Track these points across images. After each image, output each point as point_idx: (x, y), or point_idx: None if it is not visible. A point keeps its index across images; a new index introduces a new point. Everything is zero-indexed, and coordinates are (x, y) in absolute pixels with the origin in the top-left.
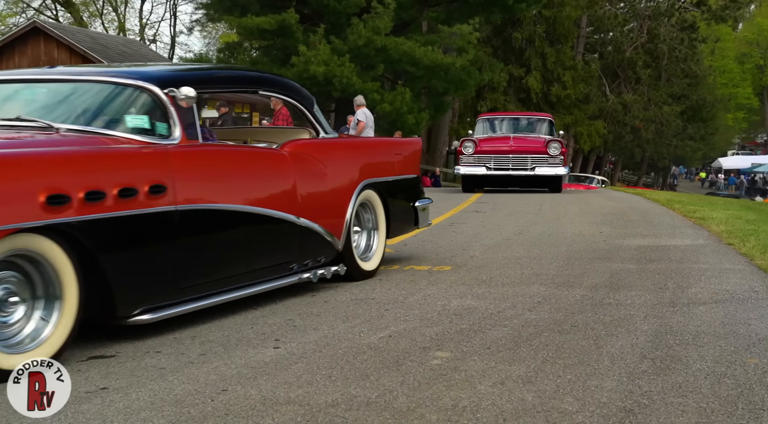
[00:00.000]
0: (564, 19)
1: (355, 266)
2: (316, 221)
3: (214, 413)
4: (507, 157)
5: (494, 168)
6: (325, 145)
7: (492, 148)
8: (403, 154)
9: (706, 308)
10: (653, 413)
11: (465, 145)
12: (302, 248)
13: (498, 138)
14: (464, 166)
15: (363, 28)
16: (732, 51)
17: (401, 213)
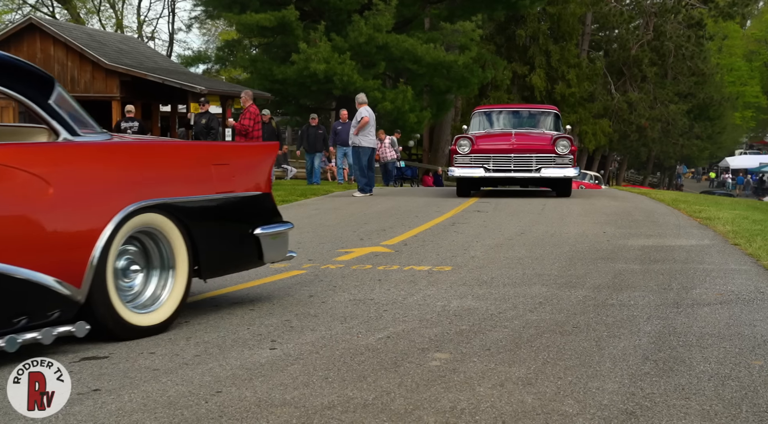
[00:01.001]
0: (568, 16)
1: (117, 320)
2: (25, 264)
3: (207, 415)
4: (508, 157)
5: (494, 169)
6: (55, 154)
7: (491, 146)
8: (235, 163)
9: (711, 309)
10: (655, 415)
11: (460, 143)
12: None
13: (498, 135)
14: (459, 167)
15: (364, 26)
16: (740, 49)
17: (224, 244)
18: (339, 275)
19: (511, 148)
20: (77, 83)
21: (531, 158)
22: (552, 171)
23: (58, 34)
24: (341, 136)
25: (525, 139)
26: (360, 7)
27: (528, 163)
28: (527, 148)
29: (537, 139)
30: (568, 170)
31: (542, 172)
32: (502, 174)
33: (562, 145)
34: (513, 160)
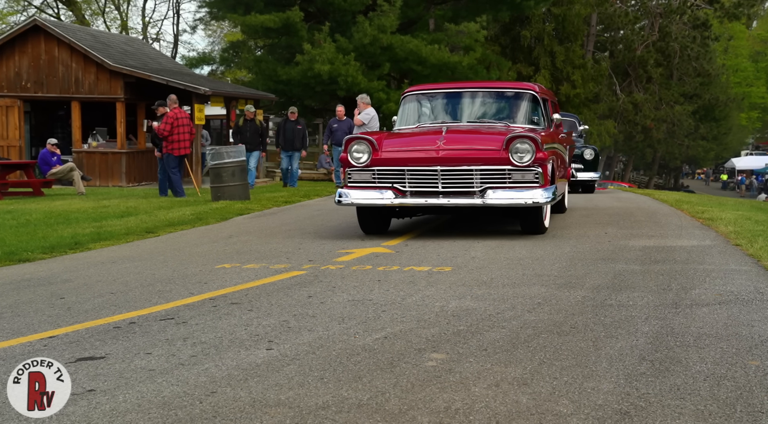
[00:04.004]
0: (573, 17)
1: None
2: None
3: (201, 415)
4: (432, 173)
5: (411, 192)
6: None
7: (404, 154)
8: None
9: (710, 310)
10: (649, 415)
11: (354, 148)
12: None
13: (420, 134)
14: (354, 187)
15: (368, 26)
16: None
17: None
18: (339, 276)
19: (435, 156)
20: (81, 84)
21: (470, 173)
22: (505, 195)
23: (63, 36)
24: (337, 135)
25: (460, 140)
26: (364, 8)
27: (465, 182)
28: (462, 156)
29: (479, 139)
30: (534, 193)
31: (489, 196)
32: (422, 200)
33: (521, 151)
34: (441, 176)
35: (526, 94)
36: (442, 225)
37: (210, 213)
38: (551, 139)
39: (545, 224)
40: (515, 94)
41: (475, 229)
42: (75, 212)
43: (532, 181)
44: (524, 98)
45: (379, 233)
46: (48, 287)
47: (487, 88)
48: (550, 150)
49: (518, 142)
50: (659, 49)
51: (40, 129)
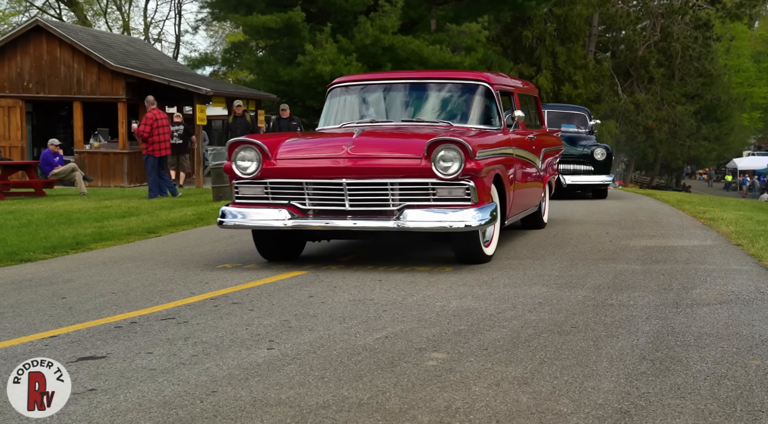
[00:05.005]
0: (575, 18)
1: None
2: None
3: (202, 414)
4: (338, 187)
5: (314, 212)
6: None
7: (302, 163)
8: None
9: (710, 309)
10: (649, 414)
11: (239, 155)
12: None
13: (327, 136)
14: (242, 204)
15: (370, 27)
16: (747, 49)
17: None
18: (340, 276)
19: (340, 166)
20: (83, 85)
21: (383, 188)
22: (426, 217)
23: (65, 36)
24: None
25: (373, 145)
26: (366, 8)
27: (378, 199)
28: (374, 166)
29: (397, 145)
30: (465, 214)
31: (407, 217)
32: (321, 222)
33: (446, 159)
34: (348, 191)
35: (476, 87)
36: None
37: (211, 213)
38: (502, 143)
39: (487, 251)
40: (462, 86)
41: None
42: (76, 212)
43: (462, 199)
44: (475, 92)
45: (285, 259)
46: (49, 287)
47: (429, 79)
48: (496, 157)
49: (442, 149)
50: (661, 49)
51: (42, 129)
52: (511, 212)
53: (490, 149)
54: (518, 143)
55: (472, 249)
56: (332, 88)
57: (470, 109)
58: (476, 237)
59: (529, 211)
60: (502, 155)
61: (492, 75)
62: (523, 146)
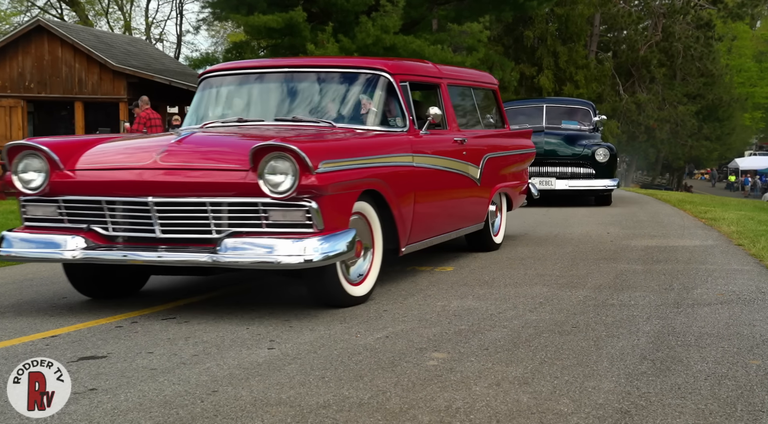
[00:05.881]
0: (576, 17)
1: None
2: None
3: (202, 414)
4: (142, 206)
5: (123, 239)
6: None
7: (104, 175)
8: None
9: (711, 309)
10: (650, 414)
11: (20, 164)
12: None
13: (145, 139)
14: (34, 227)
15: (371, 27)
16: (749, 49)
17: None
18: None
19: (147, 179)
20: (85, 85)
21: (201, 210)
22: (249, 249)
23: (66, 36)
24: None
25: (191, 153)
26: (367, 8)
27: (197, 224)
28: (186, 182)
29: (220, 153)
30: (305, 245)
31: (227, 249)
32: (124, 254)
33: (277, 172)
34: (156, 213)
35: (370, 78)
36: None
37: None
38: (390, 149)
39: (355, 290)
40: (353, 76)
41: None
42: None
43: (301, 225)
44: (369, 83)
45: (118, 295)
46: (50, 287)
47: (313, 68)
48: (369, 168)
49: (271, 159)
50: (662, 49)
51: (44, 129)
52: (413, 236)
53: (354, 159)
54: (428, 149)
55: (330, 289)
56: (202, 79)
57: (357, 105)
58: (333, 274)
59: (464, 230)
60: (388, 165)
61: (396, 63)
62: (440, 153)
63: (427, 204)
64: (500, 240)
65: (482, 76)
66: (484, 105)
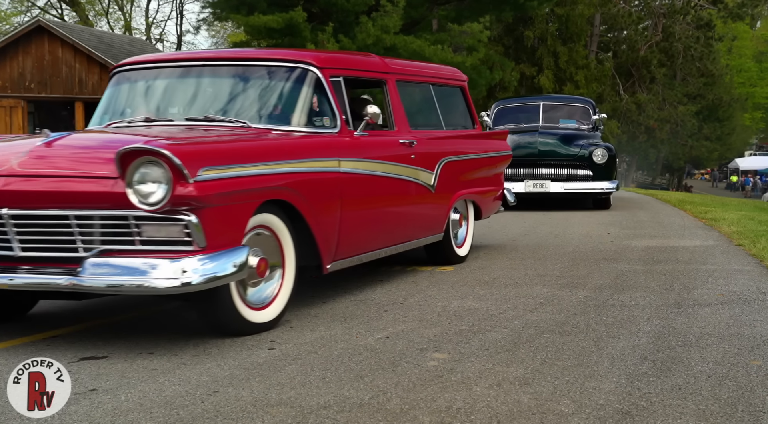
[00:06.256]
0: (577, 18)
1: None
2: None
3: (203, 414)
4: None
5: None
6: None
7: None
8: None
9: (712, 310)
10: (650, 415)
11: None
12: None
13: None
14: None
15: (372, 27)
16: (749, 49)
17: None
18: (341, 276)
19: (0, 188)
20: (85, 85)
21: (64, 224)
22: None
23: (66, 36)
24: None
25: (53, 158)
26: (368, 8)
27: (62, 240)
28: (45, 191)
29: (86, 159)
30: (181, 267)
31: (87, 271)
32: None
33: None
34: (13, 227)
35: (294, 72)
36: None
37: None
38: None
39: (257, 316)
40: (275, 70)
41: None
42: None
43: (180, 241)
44: (292, 78)
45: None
46: None
47: (232, 62)
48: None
49: (140, 165)
50: (663, 49)
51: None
52: (343, 250)
53: (250, 164)
54: (363, 152)
55: (223, 315)
56: (113, 74)
57: (281, 103)
58: (226, 298)
59: (418, 242)
60: (303, 171)
61: (328, 56)
62: (380, 157)
63: (359, 214)
64: (465, 252)
65: (446, 72)
66: (448, 103)
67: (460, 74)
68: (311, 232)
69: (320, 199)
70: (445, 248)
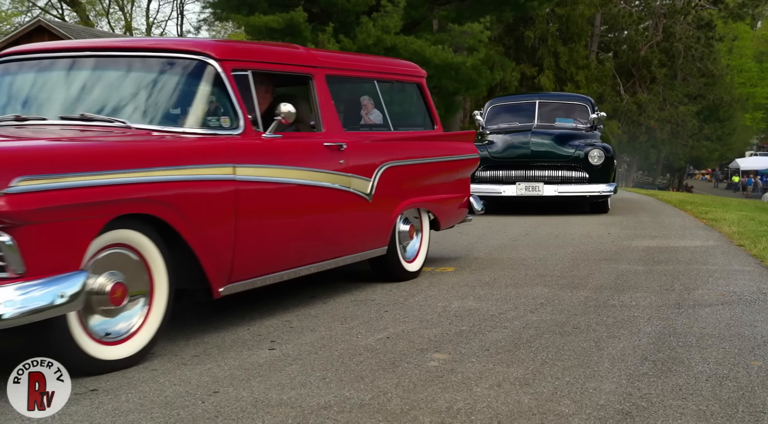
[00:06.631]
0: (577, 18)
1: None
2: None
3: (203, 415)
4: None
5: None
6: None
7: None
8: None
9: (712, 310)
10: (651, 415)
11: None
12: None
13: None
14: None
15: (372, 27)
16: (750, 50)
17: None
18: (341, 276)
19: None
20: None
21: None
22: None
23: (67, 37)
24: None
25: None
26: (368, 8)
27: None
28: None
29: None
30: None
31: None
32: None
33: None
34: None
35: (191, 65)
36: None
37: None
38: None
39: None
40: (166, 63)
41: (478, 228)
42: None
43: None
44: (189, 73)
45: None
46: None
47: (116, 52)
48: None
49: None
50: (663, 49)
51: None
52: (241, 270)
53: (96, 173)
54: (270, 157)
55: (58, 349)
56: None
57: (170, 101)
58: (63, 331)
59: (354, 257)
60: (180, 180)
61: (231, 46)
62: (295, 162)
63: (262, 229)
64: (417, 267)
65: (398, 67)
66: (399, 102)
67: (416, 69)
68: (192, 250)
69: (205, 212)
70: (390, 262)
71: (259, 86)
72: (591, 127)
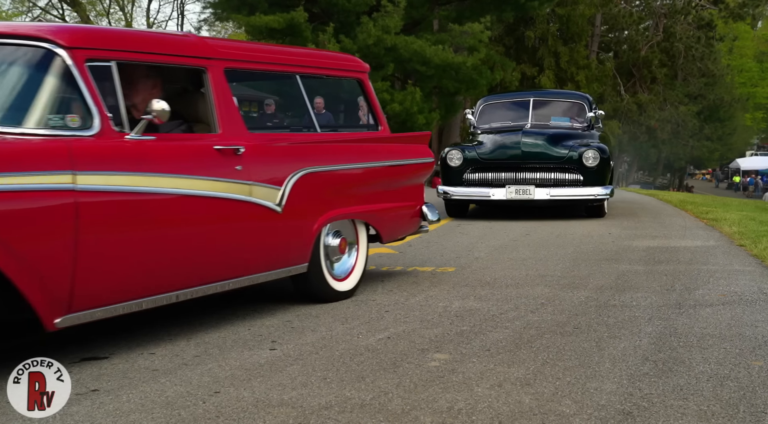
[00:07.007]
0: (578, 18)
1: None
2: None
3: (204, 415)
4: None
5: None
6: None
7: None
8: None
9: (713, 310)
10: (652, 415)
11: None
12: None
13: None
14: None
15: (373, 27)
16: (750, 49)
17: None
18: None
19: None
20: None
21: None
22: None
23: None
24: None
25: None
26: (369, 8)
27: None
28: None
29: None
30: None
31: None
32: None
33: None
34: None
35: (35, 54)
36: (447, 226)
37: None
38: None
39: None
40: (7, 50)
41: (478, 228)
42: None
43: None
44: (33, 63)
45: None
46: None
47: None
48: None
49: None
50: (664, 49)
51: None
52: (82, 297)
53: None
54: (131, 163)
55: None
56: None
57: (8, 97)
58: None
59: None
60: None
61: (86, 31)
62: (167, 169)
63: (117, 247)
64: (350, 285)
65: (330, 60)
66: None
67: (357, 63)
68: (3, 274)
69: (27, 229)
70: (313, 280)
71: (139, 80)
72: (588, 126)
